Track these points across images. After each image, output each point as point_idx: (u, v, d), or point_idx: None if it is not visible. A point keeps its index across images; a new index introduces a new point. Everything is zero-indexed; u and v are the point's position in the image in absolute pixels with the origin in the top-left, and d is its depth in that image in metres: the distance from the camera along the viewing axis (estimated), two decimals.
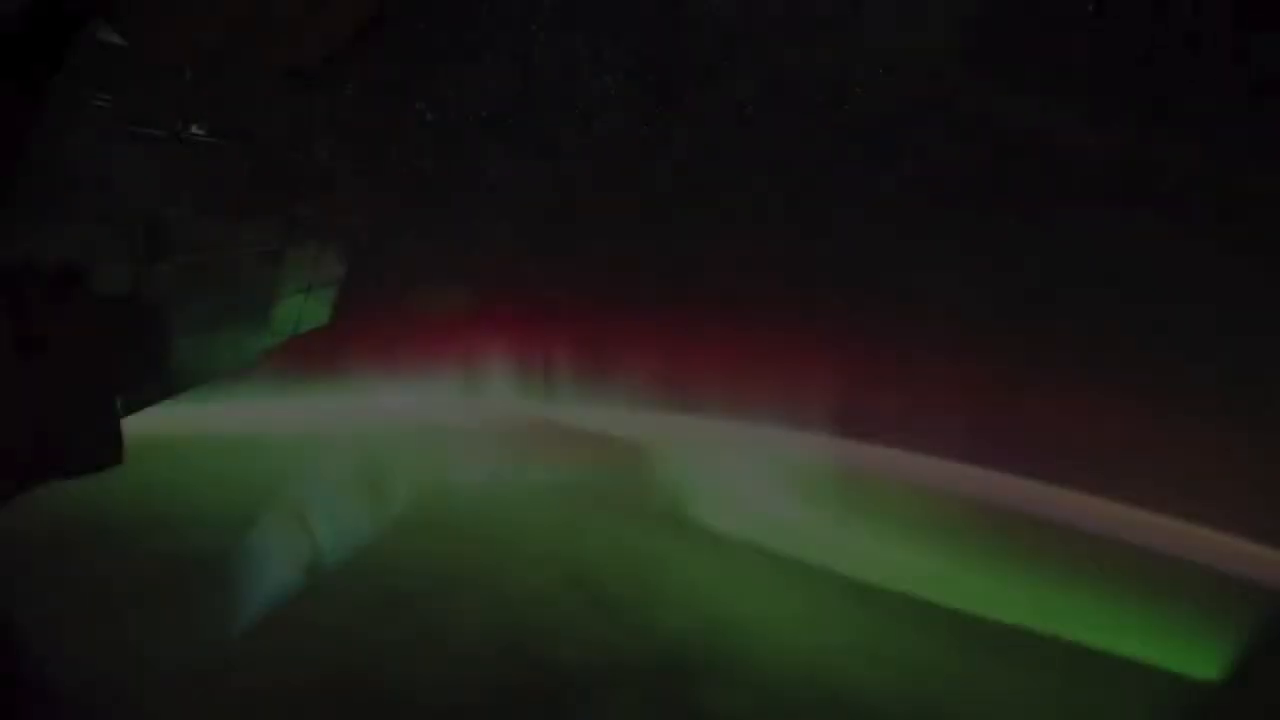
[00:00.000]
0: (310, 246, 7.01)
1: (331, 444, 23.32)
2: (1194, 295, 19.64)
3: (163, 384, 5.61)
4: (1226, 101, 18.09)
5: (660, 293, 25.36)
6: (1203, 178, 18.49)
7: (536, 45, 23.97)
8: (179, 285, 5.31)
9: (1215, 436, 19.16)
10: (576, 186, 25.24)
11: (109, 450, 4.49)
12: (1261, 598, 17.18)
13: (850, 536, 19.04)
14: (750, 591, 15.49)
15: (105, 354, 4.61)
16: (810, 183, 23.76)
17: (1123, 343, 21.00)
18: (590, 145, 24.72)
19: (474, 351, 26.06)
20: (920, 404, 23.36)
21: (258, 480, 19.00)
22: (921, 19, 20.77)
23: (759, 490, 21.71)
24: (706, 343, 25.72)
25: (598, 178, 25.26)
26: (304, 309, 7.83)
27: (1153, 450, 20.21)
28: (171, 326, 5.46)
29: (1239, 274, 18.72)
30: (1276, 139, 17.53)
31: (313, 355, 24.83)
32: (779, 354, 24.69)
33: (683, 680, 11.96)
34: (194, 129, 4.86)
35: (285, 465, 21.10)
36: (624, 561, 16.49)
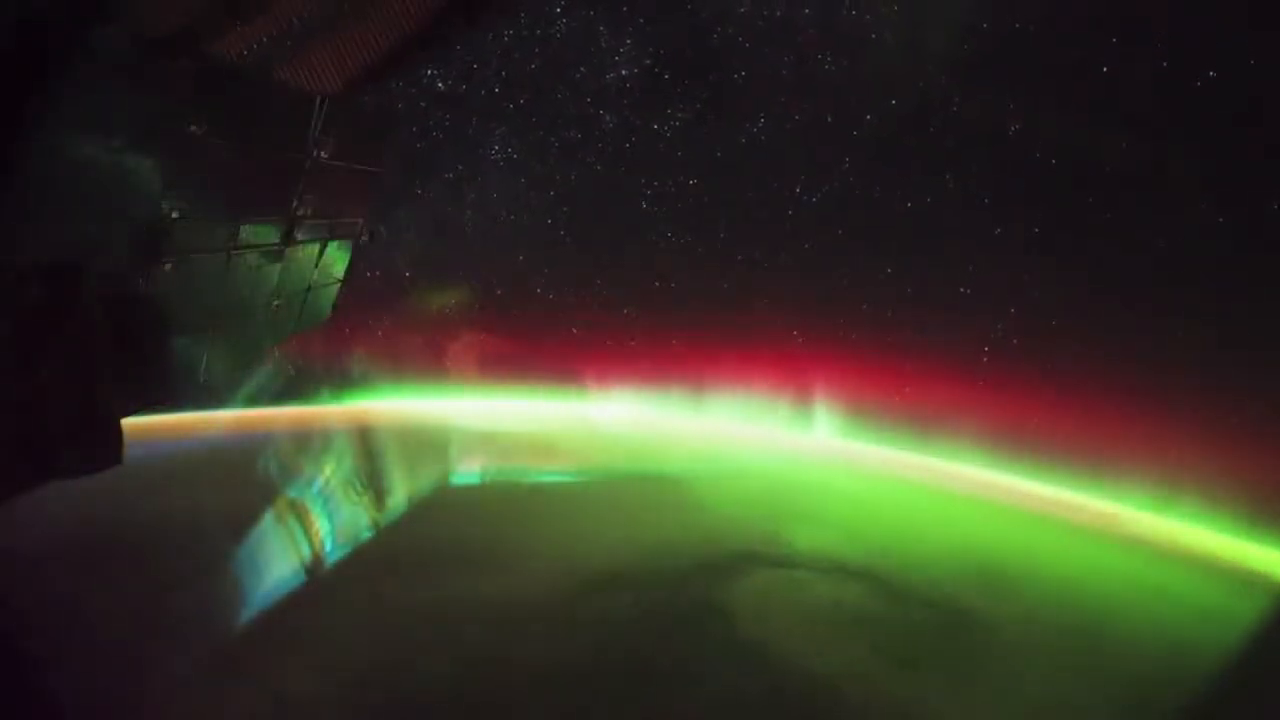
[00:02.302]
0: (310, 246, 7.00)
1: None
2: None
3: (162, 384, 5.61)
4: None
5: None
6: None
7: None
8: (179, 285, 5.31)
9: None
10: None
11: (108, 451, 4.48)
12: None
13: None
14: None
15: (105, 354, 4.60)
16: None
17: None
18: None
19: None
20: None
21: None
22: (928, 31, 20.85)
23: None
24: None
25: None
26: (305, 308, 7.83)
27: None
28: (171, 327, 5.45)
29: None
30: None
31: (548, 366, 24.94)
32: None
33: None
34: (194, 128, 4.84)
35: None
36: None
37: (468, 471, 21.49)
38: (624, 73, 24.67)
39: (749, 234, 26.09)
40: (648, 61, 24.48)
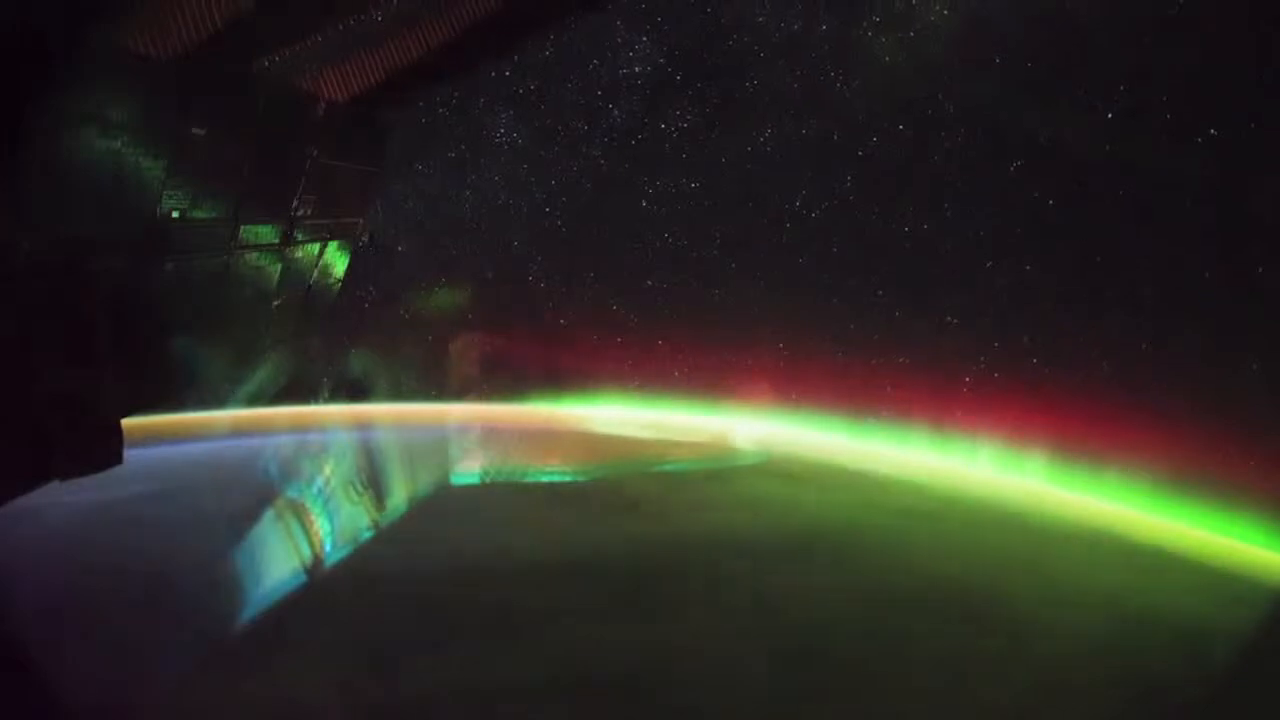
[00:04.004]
0: (310, 246, 7.00)
1: None
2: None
3: (162, 384, 5.61)
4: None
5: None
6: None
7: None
8: (179, 285, 5.31)
9: None
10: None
11: (108, 451, 4.48)
12: None
13: None
14: None
15: (105, 354, 4.60)
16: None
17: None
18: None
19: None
20: None
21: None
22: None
23: None
24: None
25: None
26: (305, 308, 7.83)
27: None
28: (171, 326, 5.45)
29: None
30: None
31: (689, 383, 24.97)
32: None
33: None
34: (194, 129, 4.85)
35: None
36: None
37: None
38: (636, 69, 24.70)
39: (746, 241, 26.16)
40: (661, 60, 24.52)
